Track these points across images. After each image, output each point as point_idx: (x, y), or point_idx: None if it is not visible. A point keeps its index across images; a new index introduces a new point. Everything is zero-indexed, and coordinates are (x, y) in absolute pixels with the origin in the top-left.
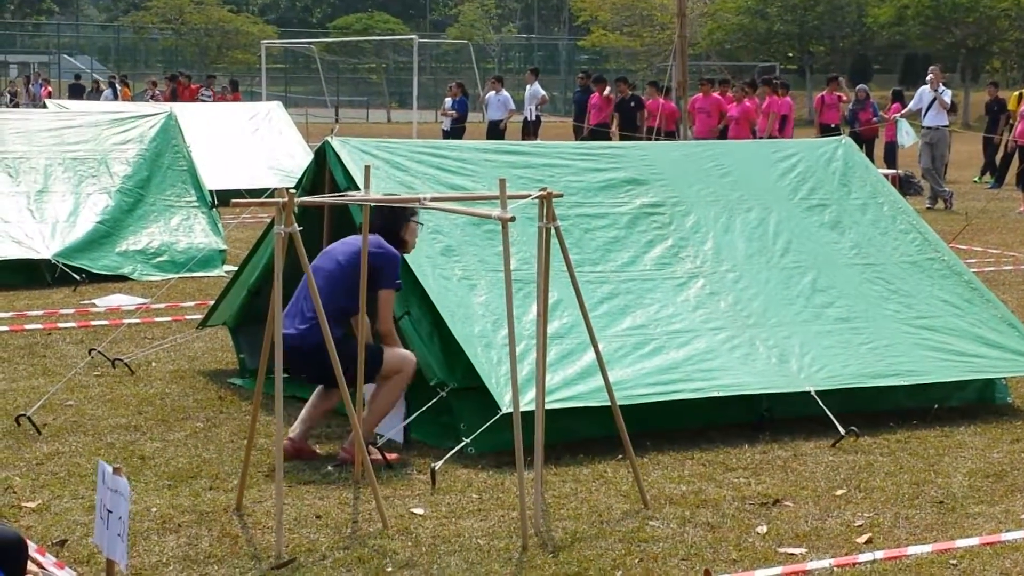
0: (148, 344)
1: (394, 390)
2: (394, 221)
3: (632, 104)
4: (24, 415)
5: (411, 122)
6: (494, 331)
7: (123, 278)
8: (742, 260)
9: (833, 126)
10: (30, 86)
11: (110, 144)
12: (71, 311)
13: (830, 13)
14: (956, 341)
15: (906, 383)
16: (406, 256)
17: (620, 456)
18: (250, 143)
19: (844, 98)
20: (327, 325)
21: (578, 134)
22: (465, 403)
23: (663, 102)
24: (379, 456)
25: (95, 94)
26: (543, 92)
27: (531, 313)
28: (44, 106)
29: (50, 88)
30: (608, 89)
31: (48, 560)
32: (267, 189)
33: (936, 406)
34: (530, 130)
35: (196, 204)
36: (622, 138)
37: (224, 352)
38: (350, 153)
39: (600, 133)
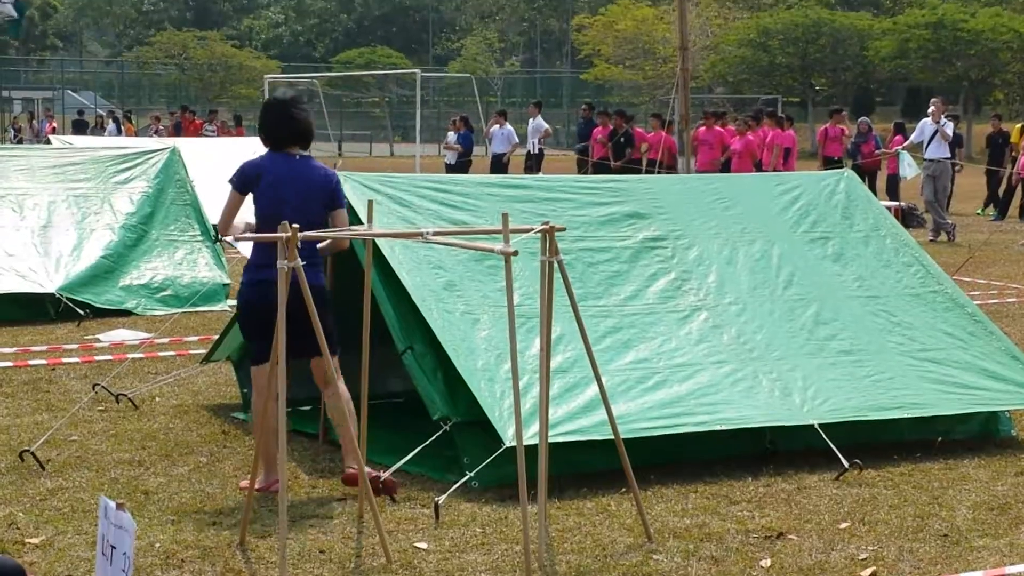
0: (152, 379)
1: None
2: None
3: (622, 139)
4: (28, 451)
5: (414, 156)
6: (497, 365)
7: (127, 313)
8: (745, 293)
9: (836, 159)
10: (34, 122)
11: (114, 181)
12: (75, 346)
13: (832, 46)
14: (960, 374)
15: (910, 416)
16: (410, 292)
17: (624, 489)
18: None
19: (846, 131)
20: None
21: (581, 167)
22: (468, 437)
23: (665, 135)
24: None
25: (99, 129)
26: (546, 125)
27: (534, 347)
28: (48, 142)
29: (54, 124)
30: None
31: None
32: None
33: (940, 439)
34: (533, 163)
35: (200, 239)
36: (622, 171)
37: (228, 387)
38: (353, 188)
39: (603, 167)
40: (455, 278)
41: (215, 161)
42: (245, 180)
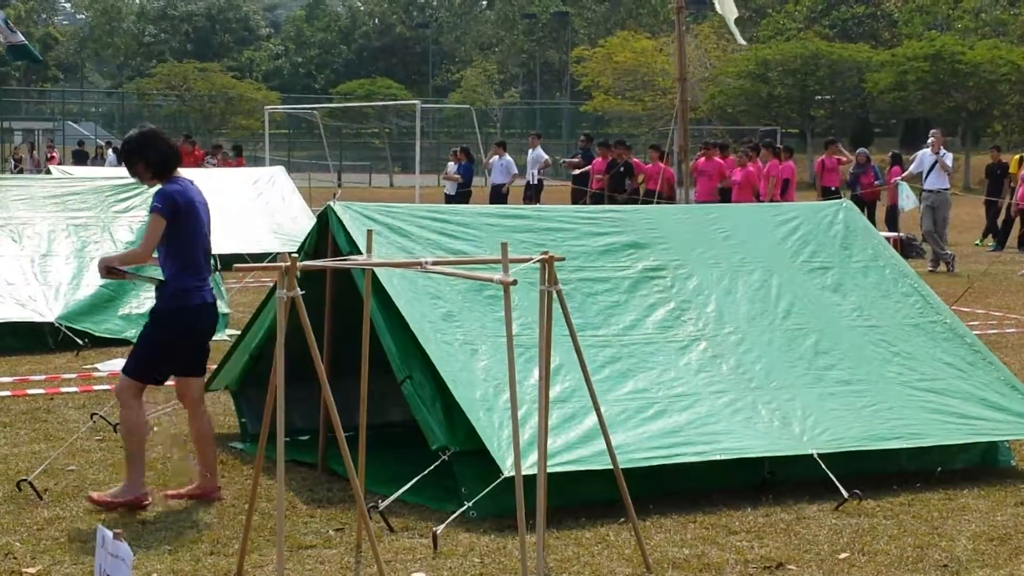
0: (150, 408)
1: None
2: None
3: (622, 169)
4: (25, 480)
5: (413, 186)
6: (495, 395)
7: (126, 342)
8: (744, 323)
9: (834, 189)
10: (34, 152)
11: (113, 210)
12: (73, 376)
13: (830, 78)
14: (959, 404)
15: (909, 446)
16: (409, 322)
17: (622, 519)
18: (253, 207)
19: (844, 160)
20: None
21: (577, 198)
22: (467, 467)
23: (663, 166)
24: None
25: (99, 160)
26: (546, 156)
27: (533, 377)
28: (48, 172)
29: (55, 154)
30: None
31: None
32: (270, 253)
33: (939, 469)
34: (532, 194)
35: None
36: (620, 202)
37: (226, 416)
38: (352, 218)
39: (601, 198)
40: (454, 308)
41: (215, 191)
42: (176, 207)
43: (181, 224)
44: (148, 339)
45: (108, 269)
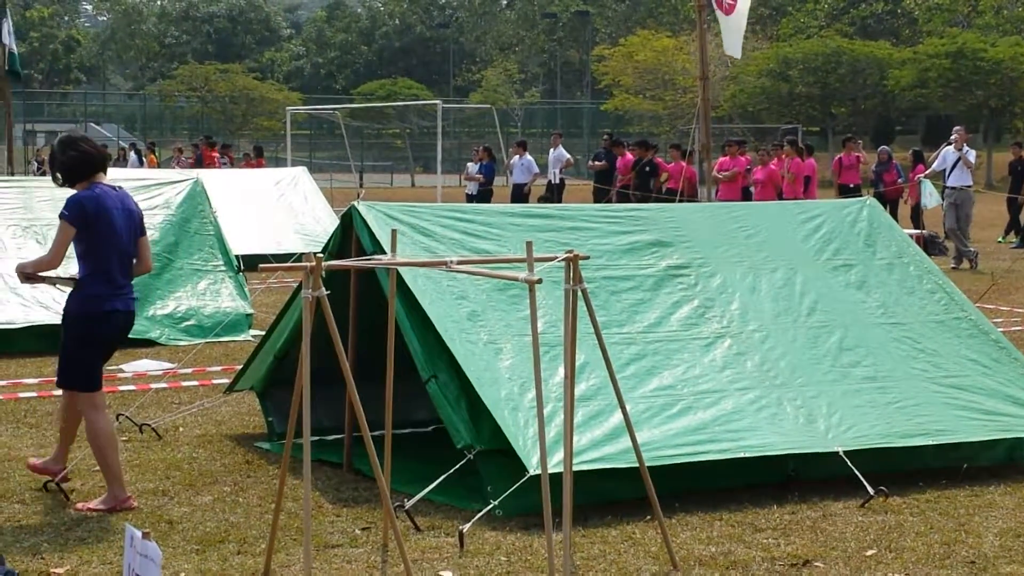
0: (175, 409)
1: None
2: None
3: (647, 168)
4: (52, 481)
5: (435, 186)
6: (521, 394)
7: (150, 343)
8: (769, 320)
9: (852, 186)
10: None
11: None
12: None
13: (852, 75)
14: (984, 400)
15: (935, 443)
16: (434, 322)
17: (648, 517)
18: (276, 208)
19: (862, 158)
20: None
21: (599, 197)
22: (492, 466)
23: (685, 166)
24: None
25: (121, 162)
26: (568, 155)
27: (558, 375)
28: None
29: None
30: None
31: None
32: (293, 253)
33: (965, 465)
34: (554, 193)
35: (223, 269)
36: (642, 200)
37: (251, 416)
38: (376, 218)
39: (625, 196)
40: (478, 308)
41: (238, 192)
42: (84, 214)
43: (92, 231)
44: (70, 345)
45: (26, 275)
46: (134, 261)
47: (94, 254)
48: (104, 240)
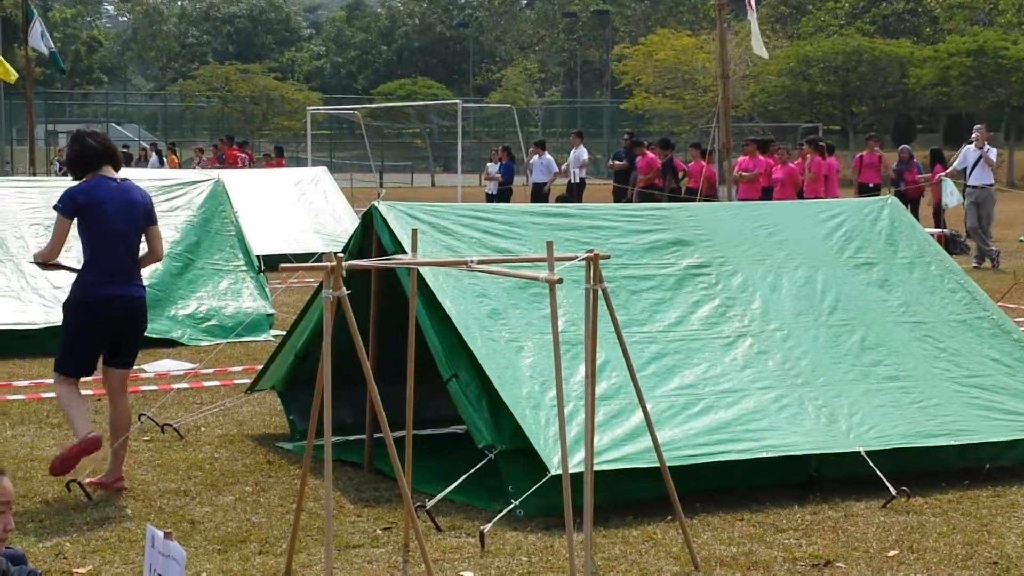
0: (197, 409)
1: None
2: None
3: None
4: (75, 480)
5: (455, 186)
6: (542, 392)
7: (171, 343)
8: (790, 319)
9: (872, 185)
10: None
11: (159, 210)
12: None
13: (872, 74)
14: (1007, 400)
15: (957, 443)
16: (454, 320)
17: (669, 517)
18: (296, 208)
19: (882, 158)
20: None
21: (619, 196)
22: (513, 465)
23: (705, 165)
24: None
25: (142, 162)
26: (585, 155)
27: (578, 374)
28: None
29: None
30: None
31: None
32: (313, 253)
33: (988, 466)
34: (574, 192)
35: (244, 269)
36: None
37: (272, 416)
38: (397, 217)
39: (647, 196)
40: (499, 306)
41: (259, 192)
42: (75, 205)
43: (85, 221)
44: (63, 331)
45: (42, 263)
46: (141, 250)
47: (89, 243)
48: (96, 230)
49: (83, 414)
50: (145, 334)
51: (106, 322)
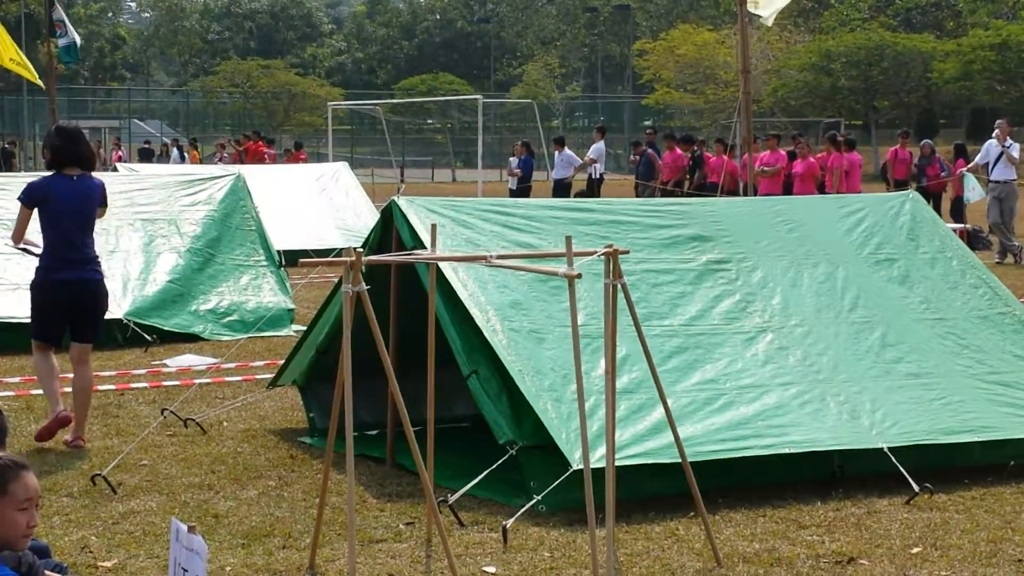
0: (219, 404)
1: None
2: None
3: (692, 162)
4: (99, 475)
5: (476, 181)
6: (564, 385)
7: (193, 338)
8: (811, 315)
9: (901, 180)
10: (101, 150)
11: (180, 205)
12: (143, 371)
13: (895, 68)
14: None
15: (980, 439)
16: (475, 311)
17: (692, 513)
18: (317, 203)
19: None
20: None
21: (640, 191)
22: (535, 461)
23: (727, 159)
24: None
25: (164, 158)
26: (602, 151)
27: (599, 368)
28: (115, 169)
29: (120, 152)
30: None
31: None
32: (334, 248)
33: (1012, 463)
34: (594, 188)
35: (264, 264)
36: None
37: (294, 411)
38: (416, 212)
39: (670, 193)
40: (520, 297)
41: (279, 187)
42: (31, 198)
43: (41, 212)
44: (31, 307)
45: (13, 245)
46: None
47: (45, 231)
48: (51, 220)
49: (52, 389)
50: (166, 328)
51: (62, 302)
